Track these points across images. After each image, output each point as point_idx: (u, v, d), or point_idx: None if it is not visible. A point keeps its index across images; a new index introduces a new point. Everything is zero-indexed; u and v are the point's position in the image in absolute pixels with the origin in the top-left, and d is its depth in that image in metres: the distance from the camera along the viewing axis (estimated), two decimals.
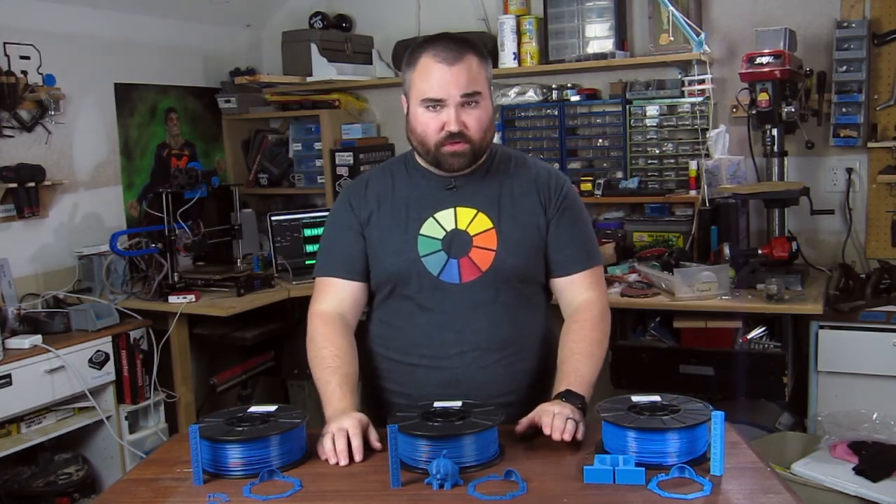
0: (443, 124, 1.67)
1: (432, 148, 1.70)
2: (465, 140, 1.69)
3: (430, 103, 1.68)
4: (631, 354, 2.98)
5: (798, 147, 3.20)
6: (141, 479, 1.49)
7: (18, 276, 3.10)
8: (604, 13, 3.48)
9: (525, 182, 1.79)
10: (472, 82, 1.67)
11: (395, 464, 1.36)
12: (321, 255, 1.85)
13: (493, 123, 1.76)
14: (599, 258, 1.85)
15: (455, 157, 1.70)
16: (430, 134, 1.70)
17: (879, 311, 2.79)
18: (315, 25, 4.03)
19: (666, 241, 3.40)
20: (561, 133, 3.65)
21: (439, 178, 1.78)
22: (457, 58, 1.67)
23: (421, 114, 1.70)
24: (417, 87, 1.69)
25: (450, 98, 1.66)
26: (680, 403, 1.47)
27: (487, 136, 1.74)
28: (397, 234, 1.75)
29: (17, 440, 2.81)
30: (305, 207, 4.09)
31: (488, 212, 1.75)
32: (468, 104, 1.68)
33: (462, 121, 1.67)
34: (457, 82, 1.66)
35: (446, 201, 1.76)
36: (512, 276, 1.74)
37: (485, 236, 1.73)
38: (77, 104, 3.38)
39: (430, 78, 1.67)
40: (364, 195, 1.81)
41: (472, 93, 1.67)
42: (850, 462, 2.51)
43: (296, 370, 3.60)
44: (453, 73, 1.66)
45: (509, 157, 1.84)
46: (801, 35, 3.14)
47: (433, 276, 1.72)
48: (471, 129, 1.69)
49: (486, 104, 1.72)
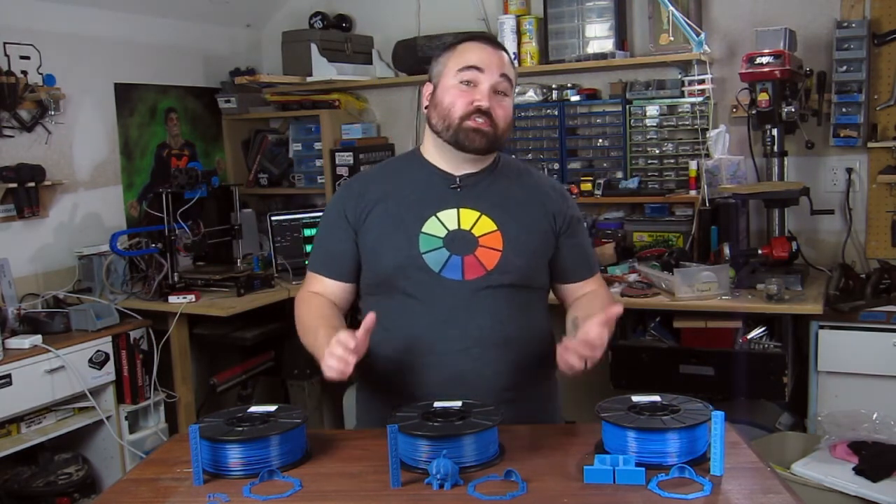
0: (472, 100, 1.71)
1: (456, 121, 1.72)
2: (491, 122, 1.72)
3: (467, 75, 1.72)
4: (631, 354, 2.98)
5: (798, 147, 3.20)
6: (141, 479, 1.49)
7: (18, 276, 3.10)
8: (604, 13, 3.48)
9: (531, 190, 1.83)
10: (509, 69, 1.76)
11: (395, 464, 1.36)
12: (313, 250, 1.90)
13: (512, 125, 1.82)
14: (599, 265, 1.98)
15: (477, 133, 1.72)
16: (458, 106, 1.72)
17: (879, 311, 2.79)
18: (315, 25, 4.04)
19: (666, 241, 3.40)
20: (561, 133, 3.65)
21: (444, 176, 1.79)
22: (497, 47, 1.77)
23: (453, 87, 1.74)
24: (456, 60, 1.74)
25: (488, 71, 1.72)
26: (680, 403, 1.47)
27: (507, 131, 1.78)
28: (398, 231, 1.75)
29: (17, 440, 2.81)
30: (305, 207, 4.09)
31: (492, 215, 1.76)
32: (500, 92, 1.74)
33: (492, 104, 1.72)
34: (498, 62, 1.74)
35: (450, 201, 1.76)
36: (516, 276, 1.74)
37: (490, 237, 1.74)
38: (77, 104, 3.39)
39: (474, 53, 1.74)
40: (361, 195, 1.81)
41: (507, 78, 1.74)
42: (850, 462, 2.52)
43: (296, 370, 3.60)
44: (496, 54, 1.75)
45: (514, 166, 1.88)
46: (801, 35, 3.15)
47: (434, 272, 1.72)
48: (497, 116, 1.73)
49: (511, 103, 1.79)
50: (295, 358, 3.59)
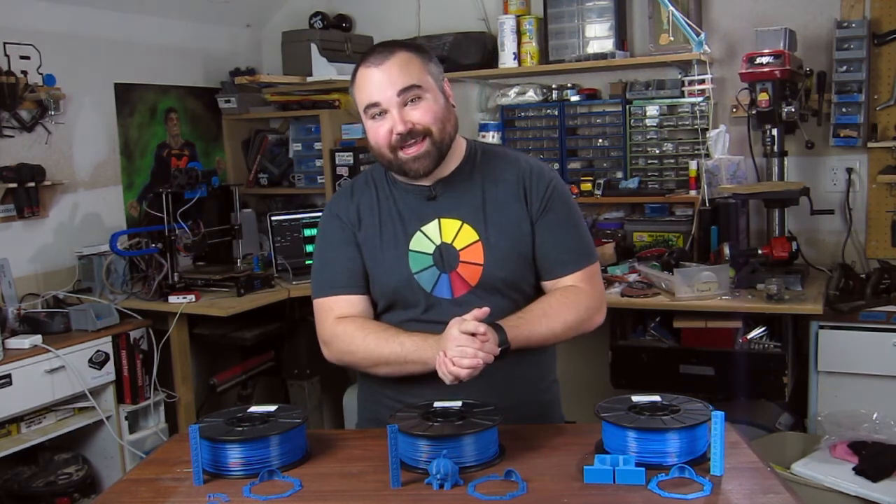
0: (390, 129, 1.63)
1: (391, 155, 1.66)
2: (420, 136, 1.64)
3: (372, 112, 1.65)
4: (631, 354, 2.98)
5: (798, 147, 3.20)
6: (141, 479, 1.49)
7: (18, 276, 3.09)
8: (604, 13, 3.48)
9: (509, 185, 1.74)
10: (405, 76, 1.63)
11: (395, 464, 1.36)
12: (319, 276, 1.79)
13: (449, 116, 1.69)
14: (591, 257, 1.77)
15: (416, 160, 1.65)
16: (381, 143, 1.66)
17: (879, 311, 2.79)
18: (315, 25, 4.03)
19: (666, 241, 3.40)
20: (561, 133, 3.66)
21: (418, 189, 1.74)
22: (385, 57, 1.64)
23: (370, 126, 1.67)
24: (359, 99, 1.68)
25: (386, 99, 1.63)
26: (680, 403, 1.47)
27: (447, 127, 1.67)
28: (388, 249, 1.73)
29: (17, 440, 2.81)
30: (305, 207, 4.09)
31: (473, 223, 1.71)
32: (411, 101, 1.64)
33: (408, 119, 1.63)
34: (389, 81, 1.62)
35: (429, 213, 1.72)
36: (502, 287, 1.71)
37: (471, 250, 1.70)
38: (77, 104, 3.38)
39: (366, 86, 1.65)
40: (351, 207, 1.77)
41: (408, 87, 1.63)
42: (850, 462, 2.51)
43: (296, 370, 3.59)
44: (383, 72, 1.63)
45: (492, 155, 1.78)
46: (801, 35, 3.15)
47: (427, 291, 1.70)
48: (420, 125, 1.63)
49: (434, 96, 1.66)
50: (295, 358, 3.58)
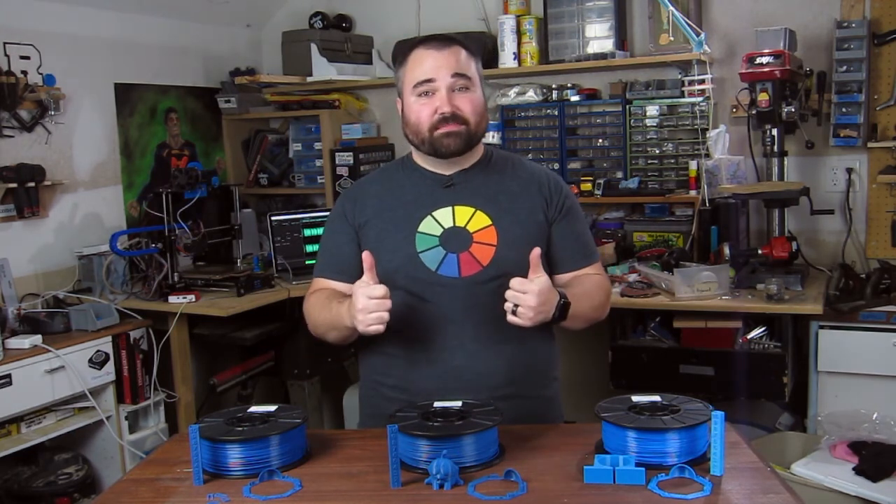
0: (435, 109, 1.72)
1: (427, 134, 1.74)
2: (459, 122, 1.72)
3: (421, 89, 1.72)
4: (631, 354, 2.98)
5: (798, 147, 3.20)
6: (141, 479, 1.49)
7: (18, 276, 3.10)
8: (604, 13, 3.48)
9: (523, 182, 1.83)
10: (461, 65, 1.72)
11: (395, 464, 1.36)
12: (318, 257, 1.92)
13: (486, 113, 1.79)
14: (598, 255, 1.92)
15: (449, 137, 1.72)
16: (423, 119, 1.73)
17: (879, 311, 2.79)
18: (315, 25, 4.03)
19: (666, 241, 3.40)
20: (561, 133, 3.66)
21: (437, 177, 1.81)
22: (445, 45, 1.74)
23: (413, 102, 1.75)
24: (409, 76, 1.75)
25: (440, 79, 1.71)
26: (680, 403, 1.47)
27: (482, 122, 1.77)
28: (395, 232, 1.78)
29: (17, 440, 2.81)
30: (305, 207, 4.09)
31: (486, 209, 1.77)
32: (459, 89, 1.72)
33: (454, 104, 1.71)
34: (447, 64, 1.71)
35: (444, 200, 1.78)
36: (512, 270, 1.73)
37: (484, 233, 1.76)
38: (77, 104, 3.38)
39: (420, 64, 1.73)
40: (360, 200, 1.85)
41: (462, 74, 1.72)
42: (850, 462, 2.51)
43: (296, 370, 3.59)
44: (443, 56, 1.72)
45: (506, 159, 1.88)
46: (801, 35, 3.15)
47: (431, 270, 1.74)
48: (464, 111, 1.72)
49: (478, 93, 1.76)
50: (295, 358, 3.58)
